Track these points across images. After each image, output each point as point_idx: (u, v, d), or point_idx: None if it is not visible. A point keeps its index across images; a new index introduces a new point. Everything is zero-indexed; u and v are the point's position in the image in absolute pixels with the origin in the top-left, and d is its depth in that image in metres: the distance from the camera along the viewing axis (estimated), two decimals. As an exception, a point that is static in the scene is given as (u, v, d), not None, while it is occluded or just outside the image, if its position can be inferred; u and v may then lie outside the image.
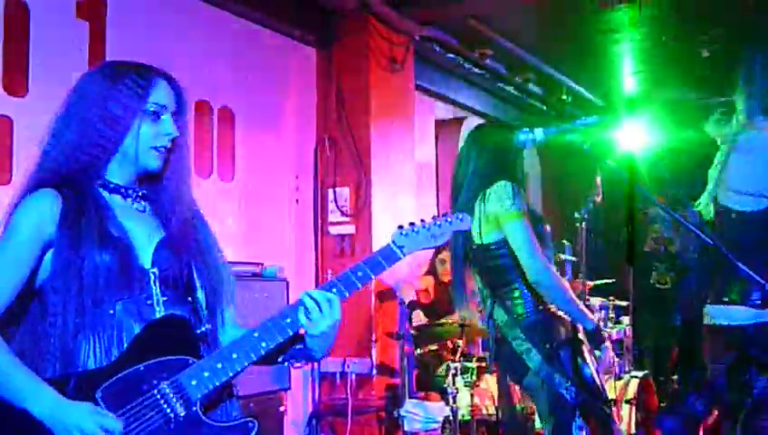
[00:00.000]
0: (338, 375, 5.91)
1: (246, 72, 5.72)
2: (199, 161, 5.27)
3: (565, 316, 3.47)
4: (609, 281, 6.81)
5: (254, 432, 2.08)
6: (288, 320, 2.13)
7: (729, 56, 7.54)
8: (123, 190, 2.15)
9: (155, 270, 2.10)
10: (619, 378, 6.01)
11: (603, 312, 6.08)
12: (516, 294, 3.47)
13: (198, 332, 2.13)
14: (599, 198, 5.15)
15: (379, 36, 6.25)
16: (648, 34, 7.15)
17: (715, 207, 2.79)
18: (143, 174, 2.17)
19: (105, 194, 2.13)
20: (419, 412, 5.14)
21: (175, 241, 2.16)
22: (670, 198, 8.84)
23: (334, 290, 2.19)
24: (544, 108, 9.18)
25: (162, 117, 2.13)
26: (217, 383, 2.02)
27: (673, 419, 6.44)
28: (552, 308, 3.46)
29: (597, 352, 3.48)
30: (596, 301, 6.04)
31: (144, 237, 2.13)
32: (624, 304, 6.92)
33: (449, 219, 2.28)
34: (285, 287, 5.24)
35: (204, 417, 2.02)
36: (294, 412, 5.79)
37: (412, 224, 2.25)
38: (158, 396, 1.98)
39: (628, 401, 5.88)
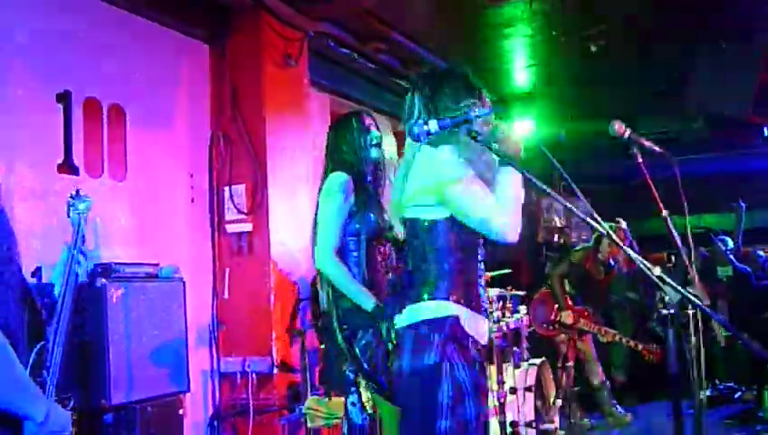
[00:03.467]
0: (238, 375, 5.85)
1: (136, 68, 5.58)
2: (89, 160, 5.13)
3: None
4: (506, 271, 6.93)
5: None
6: None
7: (616, 51, 7.80)
8: None
9: None
10: (518, 366, 6.13)
11: (501, 302, 6.18)
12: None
13: None
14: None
15: (272, 32, 6.19)
16: (538, 29, 7.31)
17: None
18: None
19: None
20: (321, 408, 5.12)
21: None
22: (561, 188, 9.08)
23: None
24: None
25: None
26: None
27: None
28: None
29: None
30: (494, 291, 6.13)
31: None
32: (521, 293, 7.06)
33: None
34: (182, 287, 5.15)
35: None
36: (195, 414, 5.70)
37: None
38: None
39: (527, 389, 6.00)
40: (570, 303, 7.52)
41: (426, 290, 2.89)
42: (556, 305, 7.52)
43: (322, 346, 4.15)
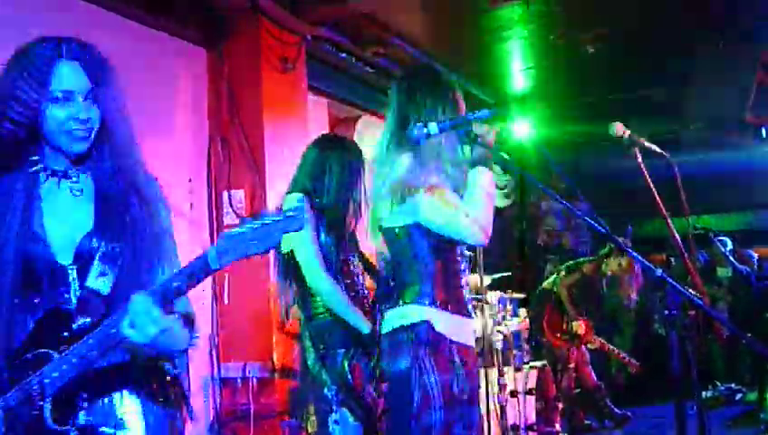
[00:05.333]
0: (239, 380, 5.83)
1: (134, 73, 5.55)
2: (87, 166, 5.11)
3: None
4: (506, 274, 6.92)
5: None
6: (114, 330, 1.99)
7: (613, 54, 7.80)
8: (60, 173, 2.17)
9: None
10: (519, 369, 6.11)
11: (501, 305, 6.17)
12: (315, 296, 3.79)
13: (75, 325, 2.08)
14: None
15: (270, 36, 6.18)
16: (535, 32, 7.30)
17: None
18: (73, 158, 2.17)
19: (41, 178, 2.15)
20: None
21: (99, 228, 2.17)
22: (562, 191, 9.06)
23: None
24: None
25: (72, 99, 2.11)
26: (67, 380, 1.99)
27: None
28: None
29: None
30: (494, 295, 6.12)
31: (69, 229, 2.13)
32: (521, 296, 7.04)
33: (277, 219, 1.95)
34: (182, 293, 5.13)
35: (46, 414, 1.99)
36: (195, 420, 5.67)
37: (239, 226, 2.00)
38: (33, 386, 1.99)
39: (528, 392, 5.99)
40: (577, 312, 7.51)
41: (402, 295, 2.95)
42: (566, 316, 7.49)
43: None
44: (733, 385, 8.83)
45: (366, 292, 3.94)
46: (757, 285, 8.70)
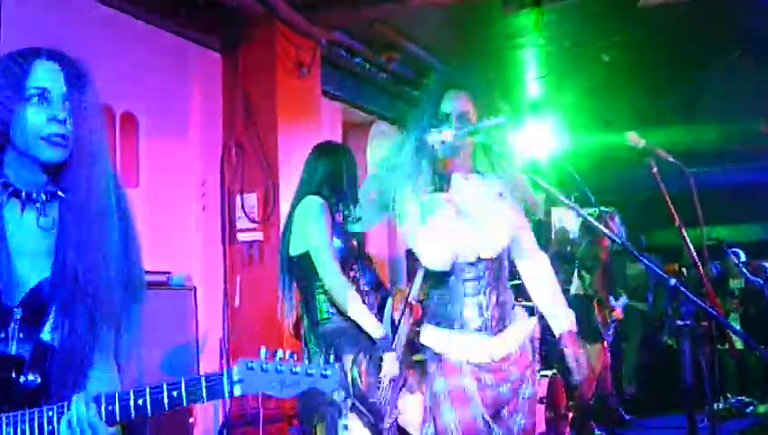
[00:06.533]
0: (248, 384, 5.82)
1: (150, 76, 5.59)
2: (101, 168, 5.12)
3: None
4: (518, 282, 6.87)
5: None
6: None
7: (628, 61, 7.77)
8: (23, 196, 1.91)
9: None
10: (529, 377, 6.08)
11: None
12: (321, 299, 3.81)
13: (24, 379, 1.86)
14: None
15: (285, 41, 6.20)
16: (550, 39, 7.29)
17: None
18: (48, 168, 1.92)
19: (2, 198, 1.91)
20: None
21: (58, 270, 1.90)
22: (576, 199, 9.01)
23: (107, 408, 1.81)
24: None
25: (48, 99, 1.91)
26: None
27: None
28: (347, 316, 3.75)
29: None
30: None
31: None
32: (532, 304, 7.00)
33: (311, 371, 1.86)
34: (193, 295, 5.15)
35: None
36: (205, 423, 5.68)
37: (266, 361, 1.91)
38: None
39: (538, 400, 5.97)
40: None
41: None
42: (606, 310, 7.43)
43: None
44: (744, 397, 8.77)
45: (372, 298, 3.94)
46: (769, 297, 8.66)
